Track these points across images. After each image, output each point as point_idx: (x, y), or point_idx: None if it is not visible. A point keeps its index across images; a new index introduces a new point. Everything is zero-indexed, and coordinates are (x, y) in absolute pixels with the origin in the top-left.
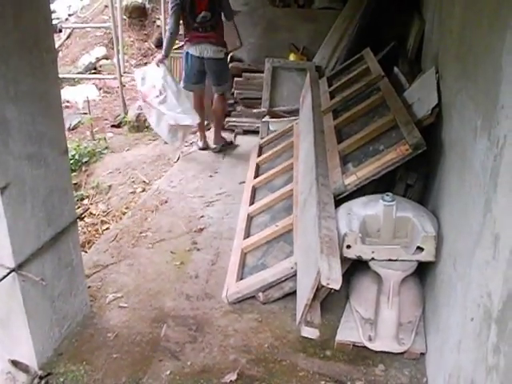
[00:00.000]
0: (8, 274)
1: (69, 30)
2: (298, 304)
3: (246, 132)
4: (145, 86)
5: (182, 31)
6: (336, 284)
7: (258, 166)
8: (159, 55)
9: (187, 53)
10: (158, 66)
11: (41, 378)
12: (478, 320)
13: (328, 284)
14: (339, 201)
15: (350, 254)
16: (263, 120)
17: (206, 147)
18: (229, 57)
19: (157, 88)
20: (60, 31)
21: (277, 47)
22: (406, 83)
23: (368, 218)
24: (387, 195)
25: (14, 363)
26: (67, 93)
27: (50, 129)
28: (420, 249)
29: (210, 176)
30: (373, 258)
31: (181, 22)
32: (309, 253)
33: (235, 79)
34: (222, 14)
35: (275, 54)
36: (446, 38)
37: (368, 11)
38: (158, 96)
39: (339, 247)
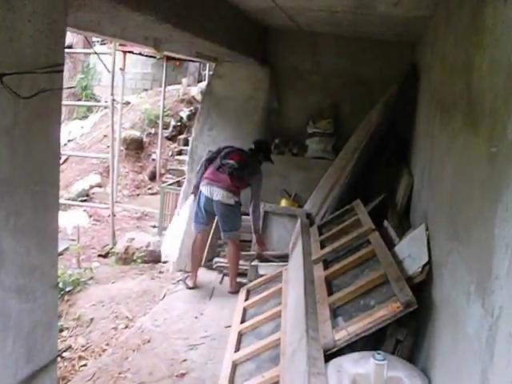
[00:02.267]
0: None
1: (66, 156)
2: None
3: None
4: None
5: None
6: None
7: (244, 311)
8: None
9: (200, 191)
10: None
11: None
12: None
13: None
14: (328, 355)
15: None
16: (252, 263)
17: (194, 287)
18: None
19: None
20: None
21: (269, 192)
22: (395, 237)
23: (358, 377)
24: (378, 353)
25: None
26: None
27: (43, 262)
28: None
29: (196, 317)
30: None
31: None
32: None
33: None
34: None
35: (267, 199)
36: (435, 198)
37: (359, 163)
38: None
39: None
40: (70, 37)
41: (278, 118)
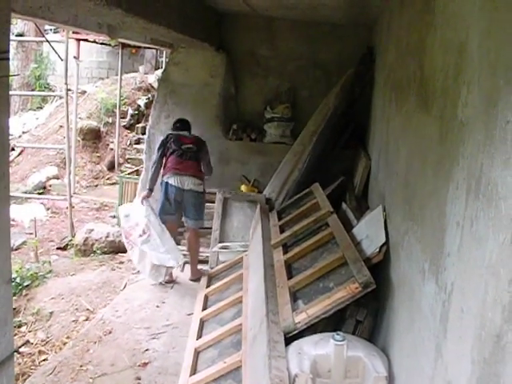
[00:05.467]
0: None
1: (21, 148)
2: None
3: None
4: (128, 223)
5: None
6: None
7: (206, 298)
8: (144, 192)
9: (166, 182)
10: (142, 203)
11: None
12: None
13: None
14: (289, 338)
15: None
16: (213, 250)
17: (172, 280)
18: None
19: (140, 226)
20: (13, 149)
21: (228, 178)
22: (354, 219)
23: (319, 358)
24: (337, 334)
25: None
26: (13, 211)
27: None
28: None
29: (157, 306)
30: None
31: None
32: None
33: None
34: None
35: (227, 185)
36: (391, 179)
37: (317, 147)
38: (141, 235)
39: None
40: (22, 25)
41: (236, 104)
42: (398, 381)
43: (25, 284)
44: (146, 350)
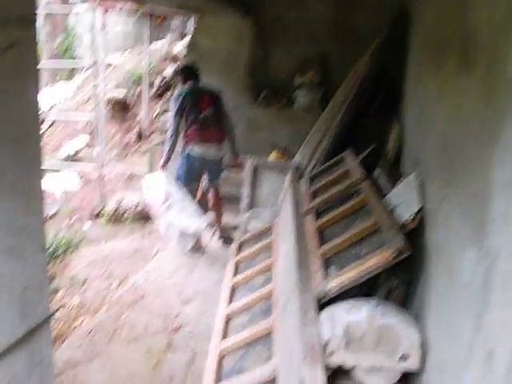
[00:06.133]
0: None
1: (51, 120)
2: None
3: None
4: (151, 193)
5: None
6: None
7: (236, 265)
8: (162, 160)
9: (188, 153)
10: (163, 171)
11: None
12: None
13: None
14: (321, 304)
15: (333, 361)
16: (242, 217)
17: (201, 248)
18: None
19: (162, 195)
20: (43, 122)
21: (257, 146)
22: (387, 186)
23: (351, 324)
24: (371, 301)
25: None
26: (46, 181)
27: (30, 223)
28: (404, 357)
29: (188, 273)
30: (355, 366)
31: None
32: (290, 359)
33: None
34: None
35: (256, 153)
36: (427, 146)
37: (348, 114)
38: (163, 204)
39: (322, 354)
40: None
41: (264, 70)
42: (432, 350)
43: (59, 251)
44: (178, 315)
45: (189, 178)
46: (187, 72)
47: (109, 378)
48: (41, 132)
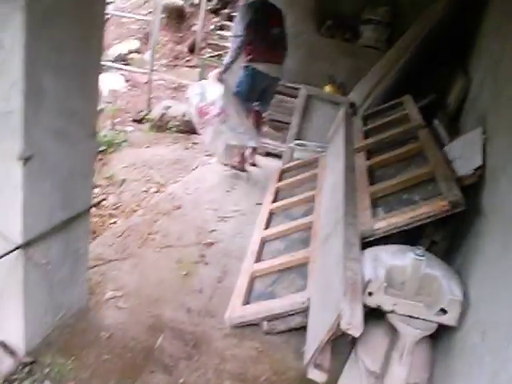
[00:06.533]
0: (14, 249)
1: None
2: (309, 343)
3: (269, 154)
4: (203, 102)
5: None
6: (357, 331)
7: (277, 191)
8: (219, 70)
9: (254, 69)
10: (220, 82)
11: (25, 364)
12: None
13: (348, 329)
14: (364, 244)
15: (371, 301)
16: (289, 145)
17: (243, 168)
18: None
19: (217, 106)
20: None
21: (314, 76)
22: (446, 138)
23: (394, 269)
24: (418, 249)
25: (2, 345)
26: None
27: (82, 107)
28: (443, 311)
29: (227, 191)
30: (393, 311)
31: None
32: (328, 292)
33: None
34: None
35: (311, 83)
36: (500, 101)
37: (413, 59)
38: (218, 114)
39: (362, 292)
40: None
41: None
42: (474, 307)
43: (100, 149)
44: (213, 230)
45: (250, 95)
46: None
47: (138, 279)
48: (104, 13)
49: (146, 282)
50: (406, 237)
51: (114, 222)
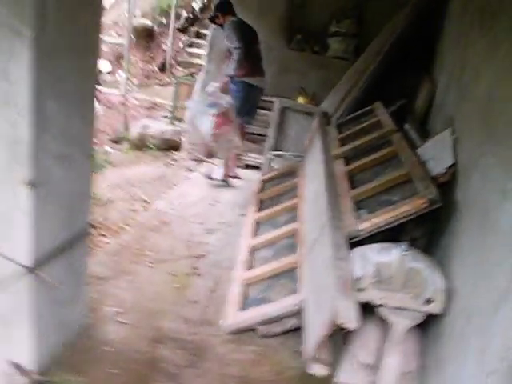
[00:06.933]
0: (26, 273)
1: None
2: (307, 341)
3: (248, 166)
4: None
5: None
6: (352, 324)
7: (260, 201)
8: (221, 82)
9: (250, 84)
10: (225, 92)
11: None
12: (500, 375)
13: (343, 324)
14: (350, 244)
15: (362, 297)
16: (267, 156)
17: (226, 180)
18: None
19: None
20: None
21: (286, 89)
22: (417, 140)
23: (381, 265)
24: (403, 245)
25: (16, 366)
26: None
27: (81, 131)
28: (429, 301)
29: (211, 204)
30: (381, 305)
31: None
32: (321, 292)
33: None
34: None
35: (284, 95)
36: (466, 104)
37: (380, 67)
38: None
39: (353, 289)
40: None
41: (301, 14)
42: (458, 296)
43: None
44: (202, 243)
45: (251, 112)
46: (229, 6)
47: (135, 294)
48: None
49: (142, 297)
50: (389, 235)
51: (106, 242)
